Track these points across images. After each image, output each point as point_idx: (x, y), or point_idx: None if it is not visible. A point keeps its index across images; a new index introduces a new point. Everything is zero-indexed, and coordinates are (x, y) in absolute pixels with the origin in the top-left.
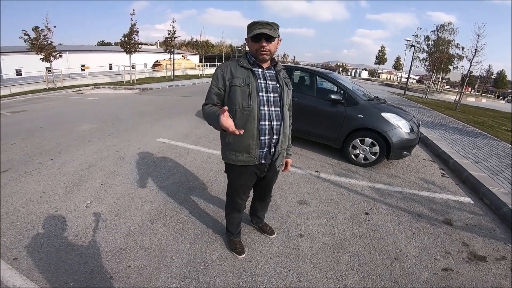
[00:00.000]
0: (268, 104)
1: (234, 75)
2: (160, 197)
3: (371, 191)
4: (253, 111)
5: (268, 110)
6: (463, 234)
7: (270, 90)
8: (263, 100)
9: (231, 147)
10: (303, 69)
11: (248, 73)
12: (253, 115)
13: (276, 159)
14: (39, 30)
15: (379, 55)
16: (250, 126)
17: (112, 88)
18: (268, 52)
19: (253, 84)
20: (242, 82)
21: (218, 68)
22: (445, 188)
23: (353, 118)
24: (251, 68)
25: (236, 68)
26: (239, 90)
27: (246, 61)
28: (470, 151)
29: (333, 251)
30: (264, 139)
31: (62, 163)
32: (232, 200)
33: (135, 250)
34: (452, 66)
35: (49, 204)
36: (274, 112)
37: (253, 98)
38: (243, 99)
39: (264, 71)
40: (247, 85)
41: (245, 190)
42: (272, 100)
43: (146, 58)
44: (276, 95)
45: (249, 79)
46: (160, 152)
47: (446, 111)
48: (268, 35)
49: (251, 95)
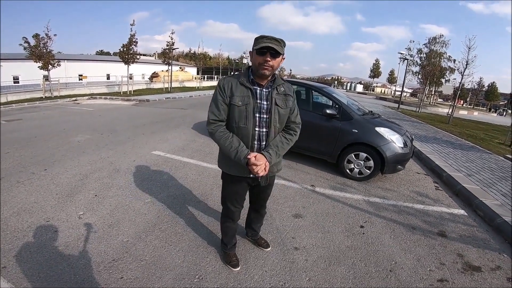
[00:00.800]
0: (260, 125)
1: (234, 93)
2: (155, 210)
3: (366, 204)
4: (248, 132)
5: (259, 130)
6: (457, 245)
7: (264, 111)
8: (257, 121)
9: (226, 159)
10: (299, 83)
11: (247, 92)
12: (248, 135)
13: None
14: (39, 37)
15: (374, 68)
16: (245, 142)
17: (109, 99)
18: (271, 68)
19: (250, 104)
20: (241, 101)
21: (220, 82)
22: (439, 201)
23: (348, 133)
24: (251, 87)
25: (237, 86)
26: (237, 109)
27: (246, 78)
28: (463, 164)
29: (328, 264)
30: None
31: (56, 173)
32: (226, 207)
33: (128, 262)
34: (444, 79)
35: (40, 214)
36: (264, 133)
37: (249, 118)
38: (239, 119)
39: (262, 90)
40: (245, 105)
41: (237, 198)
42: (264, 121)
43: (144, 69)
44: (267, 116)
45: (248, 99)
46: (156, 165)
47: (439, 125)
48: (274, 50)
49: (248, 115)
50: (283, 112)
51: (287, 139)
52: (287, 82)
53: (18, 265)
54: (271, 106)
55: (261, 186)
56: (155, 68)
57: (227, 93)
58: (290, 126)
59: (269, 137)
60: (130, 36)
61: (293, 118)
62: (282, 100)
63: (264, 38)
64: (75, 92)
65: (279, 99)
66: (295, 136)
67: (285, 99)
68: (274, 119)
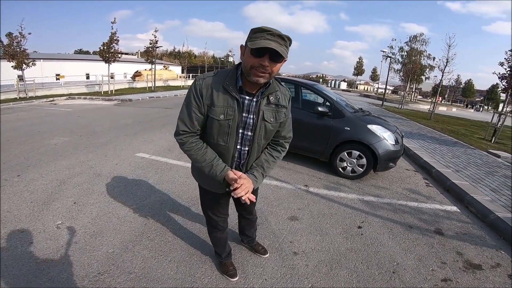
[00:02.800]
0: (242, 143)
1: (214, 102)
2: (141, 217)
3: (361, 203)
4: (228, 150)
5: (240, 148)
6: (455, 243)
7: (249, 127)
8: (239, 138)
9: (198, 171)
10: (288, 80)
11: (232, 102)
12: (228, 154)
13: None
14: (12, 36)
15: (357, 66)
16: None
17: (89, 99)
18: (268, 75)
19: (235, 119)
20: (223, 114)
21: (197, 83)
22: (431, 198)
23: (340, 131)
24: (238, 97)
25: (219, 93)
26: (217, 123)
27: (233, 83)
28: (449, 160)
29: (330, 268)
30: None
31: (30, 179)
32: (209, 217)
33: (115, 275)
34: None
35: (14, 224)
36: (245, 151)
37: (232, 135)
38: (219, 135)
39: (251, 101)
40: (227, 120)
41: (218, 207)
42: (247, 139)
43: (126, 68)
44: (251, 133)
45: (232, 112)
46: (140, 168)
47: (422, 121)
48: (276, 53)
49: (230, 131)
50: (271, 128)
51: (274, 157)
52: (283, 87)
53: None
54: (256, 121)
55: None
56: (138, 67)
57: (204, 101)
58: (278, 142)
59: (251, 156)
60: (111, 34)
61: (284, 133)
62: (272, 113)
63: (265, 33)
64: (52, 92)
65: (268, 112)
66: (283, 153)
67: (276, 112)
68: (259, 135)
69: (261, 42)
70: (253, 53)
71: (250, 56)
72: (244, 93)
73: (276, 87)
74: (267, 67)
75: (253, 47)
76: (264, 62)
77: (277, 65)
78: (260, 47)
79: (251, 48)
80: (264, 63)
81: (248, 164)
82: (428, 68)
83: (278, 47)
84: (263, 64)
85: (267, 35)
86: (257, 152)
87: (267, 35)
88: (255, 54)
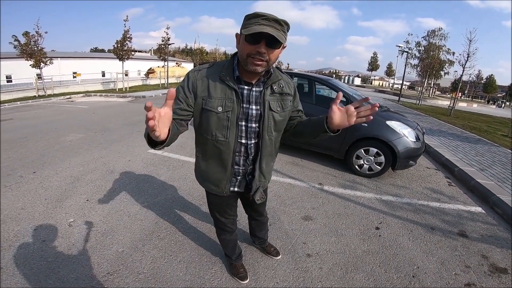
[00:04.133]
0: (246, 136)
1: (211, 94)
2: (152, 215)
3: (379, 203)
4: (229, 146)
5: (245, 142)
6: (480, 246)
7: (252, 119)
8: (242, 131)
9: (200, 174)
10: (301, 75)
11: (231, 93)
12: (229, 150)
13: (254, 193)
14: (29, 35)
15: (372, 62)
16: (223, 161)
17: (104, 96)
18: (265, 63)
19: (234, 111)
20: (221, 106)
21: (191, 75)
22: (454, 198)
23: (356, 127)
24: (236, 87)
25: (216, 83)
26: (215, 117)
27: (230, 73)
28: (473, 158)
29: (345, 272)
30: (238, 169)
31: (45, 176)
32: (217, 219)
33: (124, 275)
34: (443, 71)
35: (28, 222)
36: (252, 145)
37: (232, 128)
38: (217, 129)
39: (251, 90)
40: (226, 112)
41: (226, 209)
42: (252, 131)
43: (140, 65)
44: (256, 125)
45: (231, 103)
46: (152, 165)
47: (442, 117)
48: (273, 38)
49: (229, 125)
50: (279, 118)
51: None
52: (286, 75)
53: (4, 278)
54: (263, 111)
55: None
56: (151, 64)
57: (199, 93)
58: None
59: (263, 149)
60: (124, 32)
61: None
62: (278, 102)
63: (259, 18)
64: (69, 90)
65: (274, 102)
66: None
67: (282, 100)
68: (268, 127)
69: (256, 28)
70: (248, 40)
71: (246, 43)
72: (242, 83)
73: (278, 75)
74: (264, 53)
75: (247, 33)
76: (260, 48)
77: (275, 52)
78: (255, 33)
79: (245, 35)
80: (260, 49)
81: (262, 159)
82: (447, 63)
83: (275, 31)
84: (260, 51)
85: (262, 20)
86: (270, 145)
87: (262, 20)
88: (250, 41)
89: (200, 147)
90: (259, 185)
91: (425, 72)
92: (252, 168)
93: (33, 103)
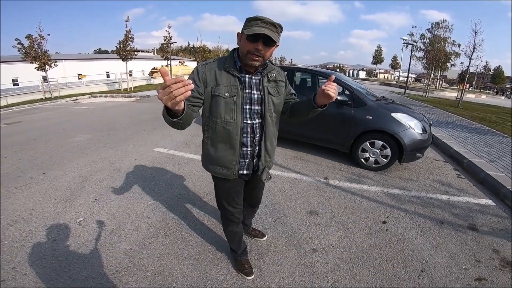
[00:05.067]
0: (251, 117)
1: (218, 82)
2: (158, 212)
3: (386, 197)
4: (236, 126)
5: (251, 123)
6: (491, 240)
7: (255, 102)
8: (246, 113)
9: (209, 159)
10: (305, 70)
11: (235, 81)
12: (237, 130)
13: (261, 173)
14: (32, 38)
15: (376, 55)
16: (232, 141)
17: (109, 97)
18: (261, 58)
19: (239, 96)
20: (228, 92)
21: (200, 68)
22: (464, 190)
23: (361, 120)
24: (239, 75)
25: (222, 73)
26: (223, 101)
27: (233, 64)
28: (482, 149)
29: (351, 267)
30: (246, 150)
31: (54, 177)
32: (224, 208)
33: (132, 273)
34: (449, 63)
35: (39, 222)
36: (257, 125)
37: (238, 111)
38: (226, 112)
39: (251, 78)
40: (232, 97)
41: (234, 196)
42: (255, 112)
43: (144, 65)
44: (259, 107)
45: (236, 89)
46: (158, 163)
47: (450, 109)
48: (269, 38)
49: (235, 108)
50: (277, 101)
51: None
52: (277, 66)
53: (18, 278)
54: (263, 95)
55: (257, 181)
56: (155, 63)
57: (209, 82)
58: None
59: (266, 128)
60: (126, 32)
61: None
62: (274, 88)
63: (258, 21)
64: (75, 92)
65: (271, 87)
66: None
67: (277, 86)
68: (269, 109)
69: (255, 29)
70: (249, 39)
71: (246, 41)
72: (244, 72)
73: (272, 67)
74: (261, 50)
75: (248, 33)
76: (258, 46)
77: (270, 49)
78: (255, 33)
79: (247, 35)
80: (258, 47)
81: (267, 136)
82: (453, 55)
83: (271, 33)
84: (258, 48)
85: (261, 23)
86: (272, 125)
87: (261, 23)
88: (250, 39)
89: (209, 132)
90: (265, 164)
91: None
92: (259, 148)
93: (40, 105)
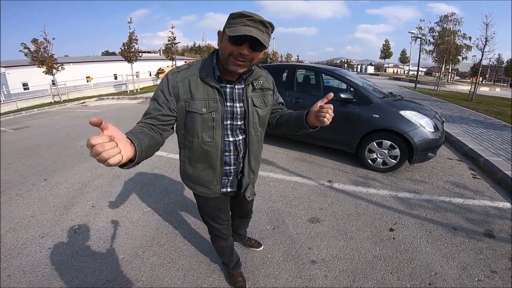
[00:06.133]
0: (232, 134)
1: (193, 95)
2: (154, 220)
3: (394, 201)
4: (216, 146)
5: (233, 140)
6: (508, 248)
7: (237, 116)
8: (228, 129)
9: (187, 177)
10: (307, 67)
11: (213, 92)
12: (216, 150)
13: (245, 190)
14: (38, 42)
15: (384, 49)
16: (212, 161)
17: (116, 99)
18: (248, 63)
19: (218, 110)
20: (205, 107)
21: (170, 77)
22: (480, 193)
23: (367, 119)
24: (217, 86)
25: (197, 84)
26: (200, 118)
27: (210, 73)
28: (499, 146)
29: (352, 280)
30: (229, 169)
31: (55, 183)
32: (209, 225)
33: (122, 282)
34: (461, 56)
35: (36, 230)
36: (240, 141)
37: (217, 128)
38: (203, 131)
39: (233, 88)
40: (210, 112)
41: (219, 213)
42: (238, 128)
43: (150, 66)
44: (242, 122)
45: (214, 103)
46: (157, 168)
47: (463, 103)
48: (257, 41)
49: (214, 125)
50: (263, 113)
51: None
52: (264, 71)
53: (12, 286)
54: (247, 108)
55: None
56: (161, 64)
57: (182, 95)
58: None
59: (250, 145)
60: (130, 34)
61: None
62: (259, 98)
63: (245, 18)
64: (83, 95)
65: (256, 98)
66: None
67: (263, 96)
68: (253, 123)
69: (240, 29)
70: (232, 40)
71: (228, 43)
72: (224, 81)
73: (259, 72)
74: (247, 55)
75: (231, 34)
76: (243, 50)
77: (257, 54)
78: (239, 35)
79: (229, 36)
80: (243, 51)
81: (251, 153)
82: (464, 48)
83: (259, 34)
84: (242, 53)
85: (247, 21)
86: (256, 142)
87: (247, 21)
88: (233, 42)
89: (186, 151)
90: (248, 181)
91: (441, 57)
92: (242, 166)
93: (49, 109)
